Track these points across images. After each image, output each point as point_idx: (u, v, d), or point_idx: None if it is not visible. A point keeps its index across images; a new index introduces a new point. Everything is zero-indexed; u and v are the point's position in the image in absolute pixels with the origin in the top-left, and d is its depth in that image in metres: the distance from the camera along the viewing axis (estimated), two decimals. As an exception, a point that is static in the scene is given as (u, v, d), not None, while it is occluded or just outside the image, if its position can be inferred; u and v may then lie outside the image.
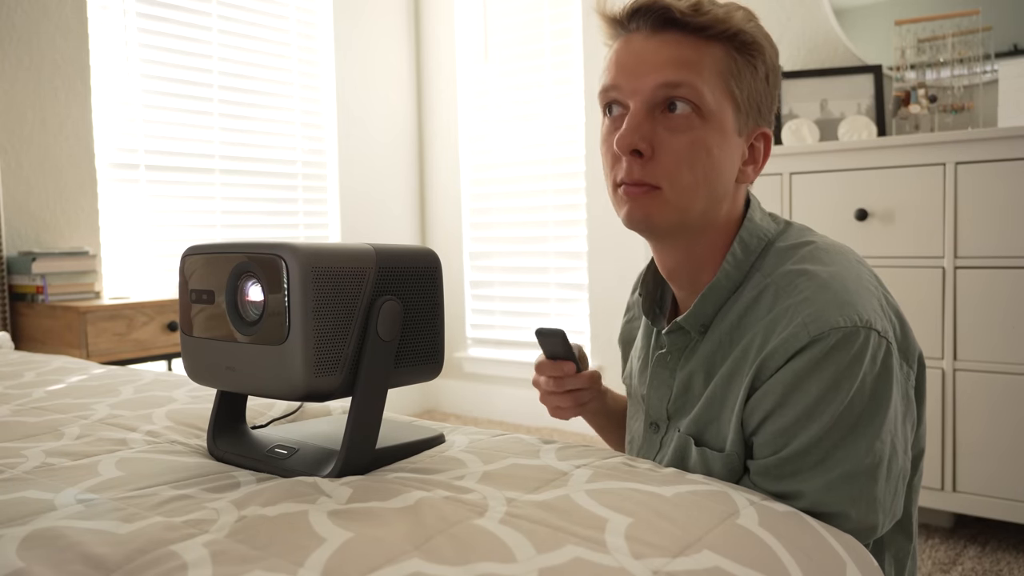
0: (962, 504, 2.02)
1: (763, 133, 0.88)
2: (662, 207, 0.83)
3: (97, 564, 0.58)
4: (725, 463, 0.84)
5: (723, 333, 0.87)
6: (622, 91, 0.84)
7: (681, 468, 0.89)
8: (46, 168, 2.55)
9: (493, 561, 0.58)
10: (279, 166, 3.28)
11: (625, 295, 3.16)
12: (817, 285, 0.80)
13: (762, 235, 0.88)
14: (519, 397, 3.52)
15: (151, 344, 2.37)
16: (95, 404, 1.14)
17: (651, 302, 0.98)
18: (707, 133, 0.82)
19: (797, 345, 0.77)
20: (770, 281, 0.84)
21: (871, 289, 0.83)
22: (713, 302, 0.87)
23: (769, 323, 0.81)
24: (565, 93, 3.35)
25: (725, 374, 0.85)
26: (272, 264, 0.74)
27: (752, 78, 0.84)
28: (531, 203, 3.49)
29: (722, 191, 0.85)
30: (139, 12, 2.80)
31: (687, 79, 0.80)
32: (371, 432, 0.80)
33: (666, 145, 0.82)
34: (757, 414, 0.81)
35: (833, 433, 0.77)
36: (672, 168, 0.82)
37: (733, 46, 0.83)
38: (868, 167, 2.12)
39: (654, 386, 0.95)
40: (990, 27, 2.28)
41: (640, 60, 0.82)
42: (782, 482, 0.79)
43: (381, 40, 3.63)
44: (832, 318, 0.77)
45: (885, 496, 0.79)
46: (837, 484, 0.77)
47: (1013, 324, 1.93)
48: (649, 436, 0.97)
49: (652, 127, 0.82)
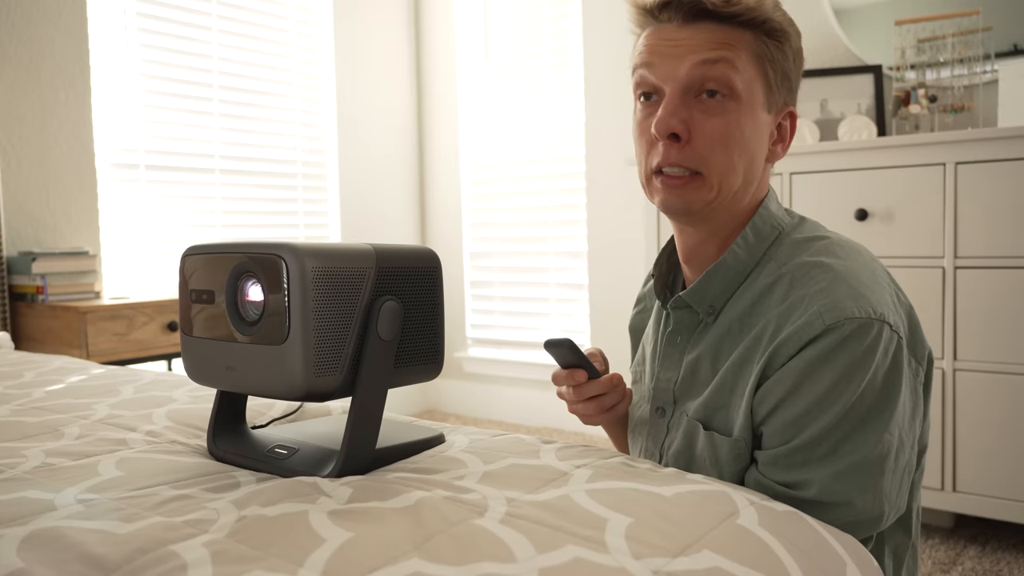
0: (962, 504, 2.02)
1: (790, 112, 0.91)
2: (701, 192, 0.85)
3: (97, 564, 0.58)
4: (731, 448, 0.85)
5: (733, 319, 0.88)
6: (657, 77, 0.86)
7: (688, 453, 0.90)
8: (46, 168, 2.55)
9: (493, 561, 0.58)
10: (279, 166, 3.28)
11: (625, 295, 3.17)
12: (833, 277, 0.81)
13: (776, 224, 0.90)
14: (519, 397, 3.52)
15: (151, 344, 2.37)
16: (95, 404, 1.14)
17: (663, 285, 1.00)
18: (740, 115, 0.84)
19: (812, 333, 0.78)
20: (785, 271, 0.85)
21: (884, 285, 0.84)
22: (719, 282, 0.89)
23: (783, 312, 0.82)
24: (565, 93, 3.35)
25: (736, 360, 0.85)
26: (272, 264, 0.74)
27: (782, 59, 0.87)
28: (531, 203, 3.49)
29: (753, 171, 0.88)
30: (139, 12, 2.80)
31: (722, 56, 0.83)
32: (371, 432, 0.80)
33: (702, 128, 0.84)
34: (768, 402, 0.81)
35: (843, 424, 0.78)
36: (708, 151, 0.84)
37: (763, 32, 0.85)
38: (868, 167, 2.12)
39: (664, 368, 0.96)
40: (990, 27, 2.28)
41: (675, 47, 0.85)
42: (791, 472, 0.80)
43: (381, 40, 3.63)
44: (847, 308, 0.78)
45: (891, 488, 0.80)
46: (846, 474, 0.78)
47: (1013, 324, 1.93)
48: (655, 421, 0.97)
49: (688, 111, 0.84)
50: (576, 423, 3.33)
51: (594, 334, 3.28)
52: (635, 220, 3.10)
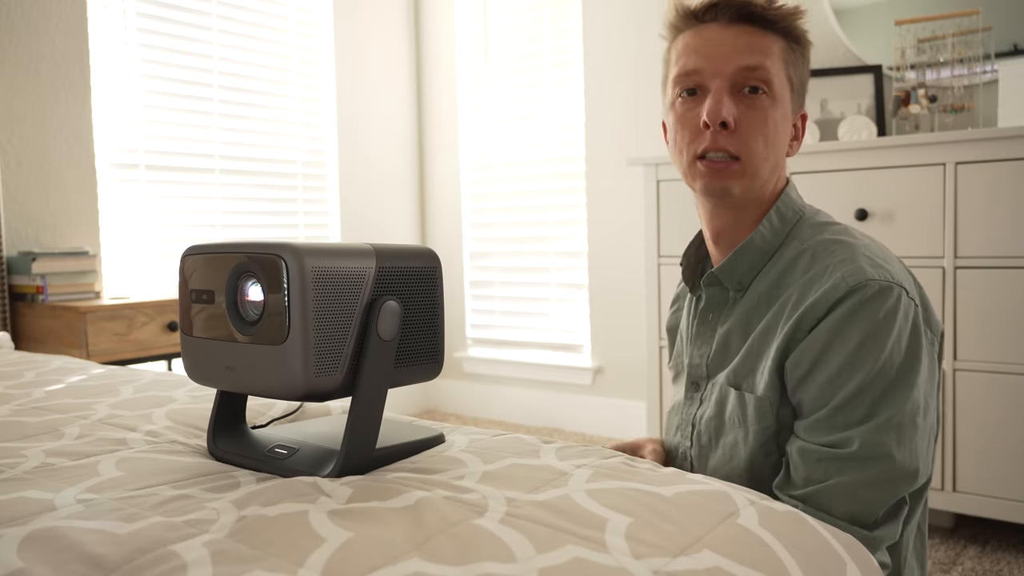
0: (962, 504, 2.02)
1: (803, 114, 1.02)
2: (740, 177, 0.94)
3: (97, 564, 0.58)
4: (757, 405, 0.92)
5: (761, 293, 0.96)
6: (704, 74, 0.94)
7: (719, 419, 0.98)
8: (46, 168, 2.55)
9: (493, 561, 0.58)
10: (279, 166, 3.28)
11: (625, 295, 3.17)
12: (852, 250, 0.90)
13: (797, 209, 1.00)
14: (519, 397, 3.52)
15: (151, 344, 2.37)
16: (95, 404, 1.14)
17: (691, 273, 1.08)
18: (775, 112, 0.95)
19: (836, 295, 0.86)
20: (807, 247, 0.94)
21: (898, 263, 0.92)
22: (747, 259, 0.97)
23: (806, 282, 0.90)
24: (565, 93, 3.35)
25: (763, 329, 0.93)
26: (272, 264, 0.74)
27: (803, 65, 0.99)
28: (531, 203, 3.49)
29: (779, 162, 0.98)
30: (139, 12, 2.80)
31: (763, 63, 0.93)
32: (371, 432, 0.80)
33: (745, 119, 0.93)
34: (803, 365, 0.87)
35: (877, 383, 0.84)
36: (750, 140, 0.93)
37: (792, 38, 0.97)
38: (868, 167, 2.12)
39: (696, 345, 1.04)
40: (990, 27, 2.28)
41: (720, 46, 0.94)
42: (833, 432, 0.85)
43: (381, 40, 3.63)
44: (869, 272, 0.86)
45: (923, 445, 0.86)
46: (884, 428, 0.83)
47: (1013, 324, 1.93)
48: (689, 395, 1.04)
49: (733, 103, 0.93)
50: (576, 423, 3.33)
51: (594, 334, 3.28)
52: (635, 220, 3.10)
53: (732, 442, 0.95)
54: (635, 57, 3.10)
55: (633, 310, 3.14)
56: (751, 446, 0.93)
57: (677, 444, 1.06)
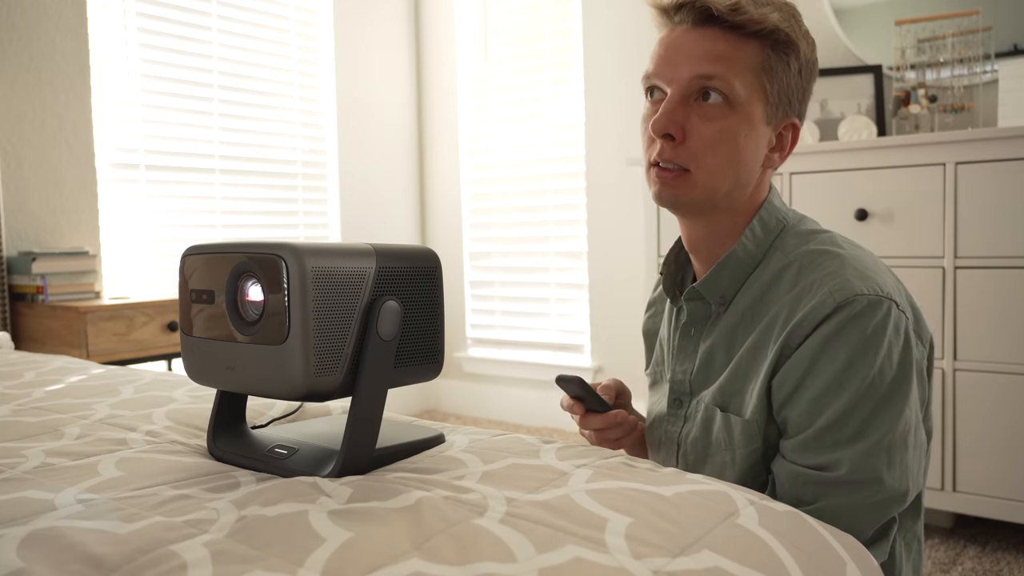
0: (962, 504, 2.02)
1: (792, 123, 0.94)
2: (689, 188, 0.90)
3: (97, 564, 0.58)
4: (744, 429, 0.88)
5: (745, 308, 0.92)
6: (661, 78, 0.91)
7: (705, 440, 0.94)
8: (46, 168, 2.55)
9: (493, 561, 0.58)
10: (279, 166, 3.28)
11: (625, 295, 3.17)
12: (840, 262, 0.86)
13: (780, 218, 0.95)
14: (519, 397, 3.52)
15: (151, 344, 2.37)
16: (95, 404, 1.14)
17: (672, 282, 1.04)
18: (735, 122, 0.88)
19: (824, 312, 0.82)
20: (792, 259, 0.90)
21: (887, 273, 0.89)
22: (729, 273, 0.93)
23: (794, 297, 0.86)
24: (565, 93, 3.35)
25: (750, 347, 0.89)
26: (272, 264, 0.74)
27: (784, 73, 0.91)
28: (531, 203, 3.49)
29: (747, 175, 0.92)
30: (139, 12, 2.80)
31: (719, 72, 0.87)
32: (371, 432, 0.80)
33: (696, 131, 0.88)
34: (788, 384, 0.84)
35: (866, 401, 0.81)
36: (699, 152, 0.88)
37: (768, 43, 0.89)
38: (868, 167, 2.12)
39: (679, 360, 1.00)
40: (990, 27, 2.28)
41: (679, 51, 0.89)
42: (821, 454, 0.82)
43: (381, 40, 3.63)
44: (856, 287, 0.83)
45: (914, 464, 0.83)
46: (874, 451, 0.80)
47: (1013, 324, 1.93)
48: (672, 412, 1.00)
49: (685, 113, 0.89)
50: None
51: (594, 334, 3.28)
52: (635, 220, 3.10)
53: (719, 464, 0.92)
54: (635, 57, 3.10)
55: (633, 310, 3.14)
56: (739, 469, 0.90)
57: (661, 461, 1.03)
